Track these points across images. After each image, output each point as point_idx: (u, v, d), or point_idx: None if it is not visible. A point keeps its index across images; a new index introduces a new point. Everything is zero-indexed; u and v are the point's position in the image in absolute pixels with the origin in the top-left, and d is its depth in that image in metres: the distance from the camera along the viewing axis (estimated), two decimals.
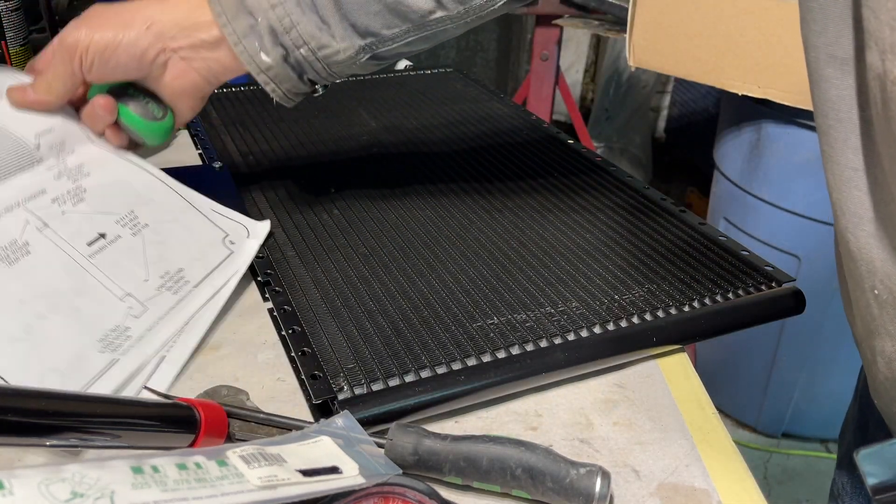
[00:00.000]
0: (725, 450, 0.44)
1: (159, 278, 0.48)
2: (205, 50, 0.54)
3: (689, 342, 0.52)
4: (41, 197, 0.49)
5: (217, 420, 0.39)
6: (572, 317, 0.50)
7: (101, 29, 0.52)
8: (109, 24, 0.52)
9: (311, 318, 0.50)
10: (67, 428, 0.33)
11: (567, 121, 2.09)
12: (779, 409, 1.57)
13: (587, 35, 2.64)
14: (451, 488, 0.40)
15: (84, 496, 0.26)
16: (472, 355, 0.46)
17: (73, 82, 0.53)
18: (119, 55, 0.52)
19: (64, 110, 0.55)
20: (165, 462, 0.29)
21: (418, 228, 0.61)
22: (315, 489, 0.32)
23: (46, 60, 0.53)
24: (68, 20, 0.53)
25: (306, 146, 0.76)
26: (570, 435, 0.44)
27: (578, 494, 0.37)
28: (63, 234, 0.47)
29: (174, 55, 0.54)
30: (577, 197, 0.67)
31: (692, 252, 0.59)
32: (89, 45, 0.52)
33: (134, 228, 0.50)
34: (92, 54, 0.52)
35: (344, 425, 0.39)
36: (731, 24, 1.15)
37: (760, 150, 1.37)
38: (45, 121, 0.53)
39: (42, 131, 0.52)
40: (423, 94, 0.93)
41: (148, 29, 0.52)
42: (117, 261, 0.47)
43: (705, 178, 1.84)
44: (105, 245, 0.48)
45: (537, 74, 1.72)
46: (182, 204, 0.55)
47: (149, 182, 0.55)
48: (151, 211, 0.53)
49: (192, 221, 0.54)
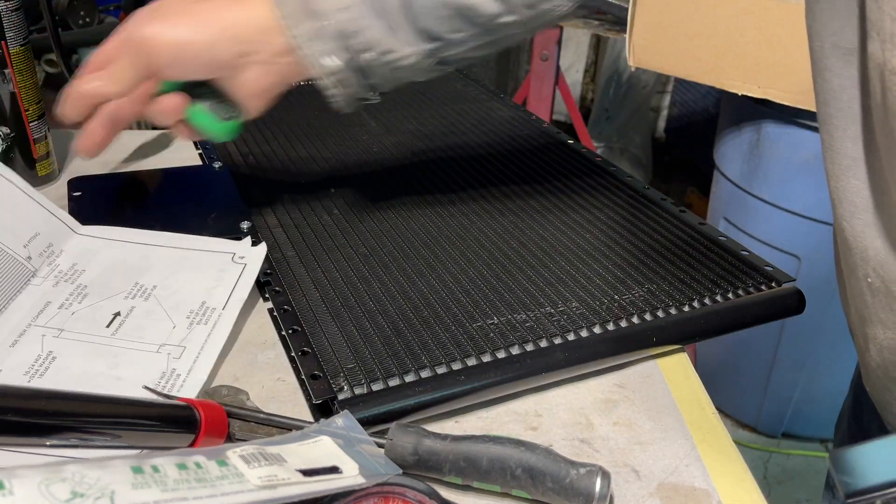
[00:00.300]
0: (725, 450, 0.44)
1: (185, 319, 0.50)
2: (277, 55, 0.52)
3: (689, 342, 0.52)
4: (47, 309, 0.50)
5: (217, 420, 0.39)
6: (572, 317, 0.50)
7: (175, 27, 0.51)
8: (184, 22, 0.51)
9: (311, 318, 0.50)
10: (67, 428, 0.33)
11: (567, 121, 2.09)
12: (779, 409, 1.57)
13: (587, 35, 2.64)
14: (451, 488, 0.40)
15: (84, 496, 0.26)
16: (472, 355, 0.46)
17: (140, 77, 0.52)
18: (194, 57, 0.51)
19: (41, 207, 0.56)
20: (165, 462, 0.29)
21: (418, 228, 0.61)
22: (315, 489, 0.32)
23: (110, 54, 0.52)
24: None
25: (306, 146, 0.76)
26: (570, 435, 0.44)
27: (578, 494, 0.37)
28: (80, 330, 0.49)
29: (249, 59, 0.52)
30: (577, 197, 0.67)
31: (692, 252, 0.59)
32: (163, 43, 0.50)
33: (144, 295, 0.52)
34: (166, 53, 0.51)
35: (344, 425, 0.39)
36: (731, 24, 1.15)
37: (760, 150, 1.37)
38: (28, 226, 0.54)
39: (29, 239, 0.54)
40: (423, 94, 0.93)
41: (224, 32, 0.51)
42: (140, 326, 0.49)
43: (705, 178, 1.83)
44: (123, 320, 0.50)
45: (537, 74, 1.72)
46: (180, 253, 0.56)
47: (142, 252, 0.57)
48: (154, 274, 0.54)
49: (196, 263, 0.56)
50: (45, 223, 0.56)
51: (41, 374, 0.45)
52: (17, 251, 0.53)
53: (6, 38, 0.65)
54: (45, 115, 0.71)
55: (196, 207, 0.64)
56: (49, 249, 0.55)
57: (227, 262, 0.55)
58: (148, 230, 0.58)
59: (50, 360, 0.46)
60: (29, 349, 0.47)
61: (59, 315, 0.50)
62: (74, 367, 0.46)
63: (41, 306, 0.51)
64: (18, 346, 0.47)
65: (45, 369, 0.45)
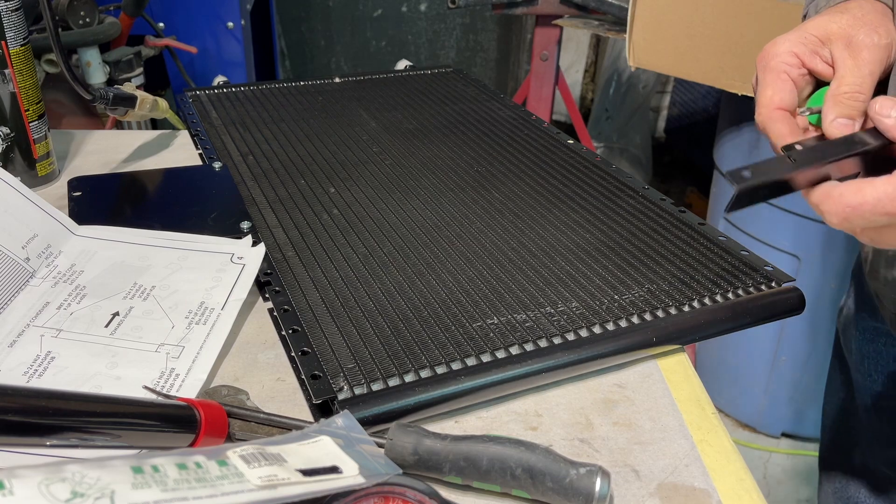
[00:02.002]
0: (725, 450, 0.44)
1: (184, 319, 0.50)
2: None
3: (689, 342, 0.52)
4: (46, 310, 0.51)
5: (217, 420, 0.39)
6: (572, 317, 0.50)
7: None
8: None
9: (310, 318, 0.50)
10: (67, 428, 0.33)
11: (567, 121, 2.09)
12: (779, 409, 1.57)
13: (587, 35, 2.64)
14: (451, 488, 0.40)
15: (84, 496, 0.26)
16: (472, 355, 0.46)
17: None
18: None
19: (39, 208, 0.56)
20: (165, 462, 0.29)
21: (418, 228, 0.61)
22: (315, 489, 0.32)
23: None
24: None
25: (306, 146, 0.76)
26: (570, 435, 0.44)
27: (578, 494, 0.37)
28: (78, 330, 0.49)
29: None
30: (576, 197, 0.67)
31: (692, 252, 0.59)
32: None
33: (143, 295, 0.52)
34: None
35: (344, 425, 0.39)
36: (731, 24, 1.15)
37: (760, 150, 1.37)
38: (26, 228, 0.55)
39: (27, 240, 0.54)
40: (423, 94, 0.93)
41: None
42: (139, 326, 0.50)
43: (705, 178, 1.83)
44: (121, 320, 0.50)
45: (537, 74, 1.72)
46: (179, 254, 0.57)
47: (140, 252, 0.57)
48: (153, 274, 0.55)
49: (194, 263, 0.56)
50: (43, 224, 0.56)
51: (40, 374, 0.45)
52: (16, 252, 0.53)
53: (6, 38, 0.65)
54: (45, 115, 0.71)
55: (196, 207, 0.64)
56: (47, 250, 0.55)
57: (225, 262, 0.55)
58: (146, 230, 0.59)
59: (49, 360, 0.46)
60: (27, 349, 0.47)
61: (58, 315, 0.50)
62: (73, 367, 0.46)
63: (40, 307, 0.51)
64: (17, 346, 0.47)
65: (44, 369, 0.45)
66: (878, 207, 0.39)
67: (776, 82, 0.46)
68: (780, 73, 0.46)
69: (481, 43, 2.68)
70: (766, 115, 0.46)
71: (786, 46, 0.47)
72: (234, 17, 1.66)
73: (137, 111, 0.73)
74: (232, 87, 0.92)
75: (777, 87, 0.46)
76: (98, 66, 1.21)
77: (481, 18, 2.62)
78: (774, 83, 0.46)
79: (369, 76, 0.99)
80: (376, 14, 2.53)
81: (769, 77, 0.47)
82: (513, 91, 2.68)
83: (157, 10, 1.58)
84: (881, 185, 0.38)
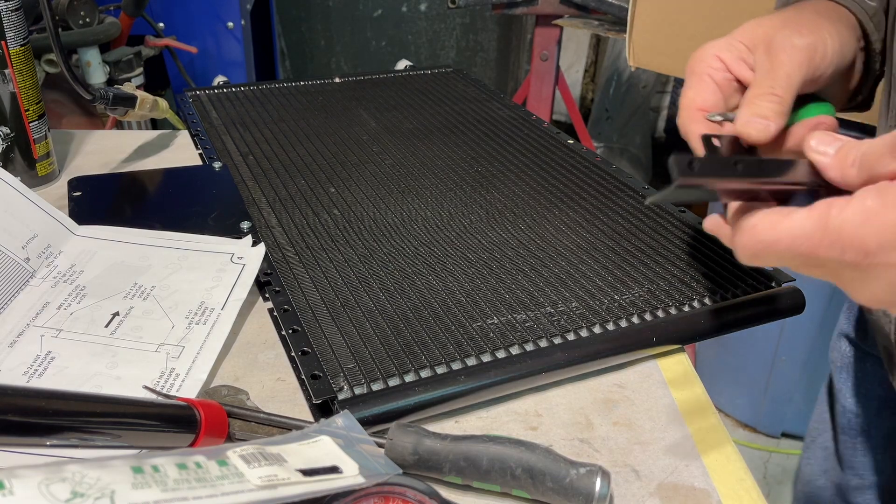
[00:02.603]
0: (725, 450, 0.44)
1: (184, 319, 0.50)
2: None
3: (689, 342, 0.52)
4: (46, 310, 0.51)
5: (217, 420, 0.39)
6: (572, 317, 0.50)
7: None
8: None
9: (310, 318, 0.50)
10: (67, 428, 0.33)
11: (567, 121, 2.09)
12: (779, 409, 1.57)
13: (587, 35, 2.64)
14: (451, 488, 0.40)
15: (84, 496, 0.26)
16: (472, 355, 0.46)
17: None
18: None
19: (39, 208, 0.56)
20: (165, 462, 0.29)
21: (418, 228, 0.61)
22: (315, 489, 0.32)
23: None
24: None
25: (306, 146, 0.76)
26: (570, 435, 0.44)
27: (578, 494, 0.37)
28: (78, 330, 0.49)
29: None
30: (576, 197, 0.67)
31: (692, 252, 0.59)
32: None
33: (143, 295, 0.52)
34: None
35: (344, 425, 0.39)
36: (731, 24, 1.15)
37: None
38: (26, 228, 0.55)
39: (27, 240, 0.54)
40: (423, 94, 0.93)
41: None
42: (139, 326, 0.50)
43: None
44: (122, 320, 0.50)
45: (537, 74, 1.72)
46: (179, 253, 0.57)
47: (140, 252, 0.57)
48: (153, 274, 0.55)
49: (194, 263, 0.56)
50: (43, 224, 0.56)
51: (40, 374, 0.45)
52: (16, 253, 0.53)
53: (6, 38, 0.65)
54: (45, 115, 0.71)
55: (196, 207, 0.64)
56: (47, 251, 0.55)
57: (225, 262, 0.55)
58: (146, 230, 0.59)
59: (49, 360, 0.46)
60: (27, 349, 0.47)
61: (58, 315, 0.50)
62: (73, 366, 0.46)
63: (40, 307, 0.51)
64: (17, 346, 0.47)
65: (44, 369, 0.45)
66: (794, 247, 0.34)
67: (698, 85, 0.46)
68: (704, 75, 0.46)
69: (481, 43, 2.68)
70: (685, 117, 0.45)
71: (712, 51, 0.47)
72: (234, 17, 1.67)
73: (137, 111, 0.73)
74: (232, 87, 0.92)
75: (699, 89, 0.46)
76: (98, 66, 1.21)
77: (481, 18, 2.62)
78: (697, 85, 0.46)
79: (369, 76, 0.99)
80: (376, 14, 2.54)
81: (693, 80, 0.46)
82: (513, 91, 2.68)
83: (157, 10, 1.58)
84: (799, 220, 0.34)
